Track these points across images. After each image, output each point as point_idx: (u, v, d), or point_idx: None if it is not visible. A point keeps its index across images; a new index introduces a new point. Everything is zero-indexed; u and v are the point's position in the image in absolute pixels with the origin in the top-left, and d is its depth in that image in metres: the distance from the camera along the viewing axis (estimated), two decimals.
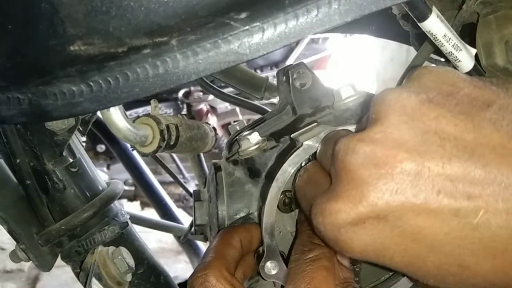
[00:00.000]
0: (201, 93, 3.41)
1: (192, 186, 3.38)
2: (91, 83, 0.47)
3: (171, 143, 0.69)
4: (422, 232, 0.39)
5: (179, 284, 0.90)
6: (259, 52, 0.46)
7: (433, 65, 1.13)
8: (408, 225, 0.39)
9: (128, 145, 1.97)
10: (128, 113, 0.69)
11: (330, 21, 0.45)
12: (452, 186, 0.37)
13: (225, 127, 3.69)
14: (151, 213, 2.42)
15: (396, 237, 0.40)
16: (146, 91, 0.48)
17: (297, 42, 3.22)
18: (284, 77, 0.79)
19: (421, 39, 1.02)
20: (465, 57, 0.64)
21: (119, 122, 0.60)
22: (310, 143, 0.70)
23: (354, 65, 4.31)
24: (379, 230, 0.40)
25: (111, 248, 0.68)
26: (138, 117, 0.69)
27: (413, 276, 0.44)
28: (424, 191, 0.38)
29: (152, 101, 0.69)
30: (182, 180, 3.10)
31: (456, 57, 0.64)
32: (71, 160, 0.72)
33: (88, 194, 0.74)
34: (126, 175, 4.36)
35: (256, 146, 0.72)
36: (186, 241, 1.57)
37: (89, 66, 0.46)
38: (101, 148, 3.53)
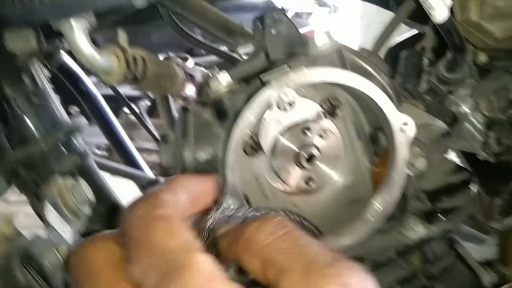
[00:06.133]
0: (179, 60, 3.34)
1: None
2: None
3: (137, 76, 0.67)
4: None
5: None
6: None
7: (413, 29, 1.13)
8: None
9: (104, 105, 1.92)
10: None
11: None
12: None
13: None
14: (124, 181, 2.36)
15: None
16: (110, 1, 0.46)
17: None
18: (260, 23, 0.77)
19: (401, 1, 1.02)
20: (440, 5, 0.63)
21: (85, 48, 0.57)
22: (279, 83, 0.69)
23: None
24: None
25: (69, 179, 0.66)
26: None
27: None
28: None
29: (119, 31, 0.66)
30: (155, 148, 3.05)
31: (431, 5, 0.63)
32: (32, 89, 0.70)
33: (49, 126, 0.72)
34: (99, 139, 4.27)
35: (225, 87, 0.71)
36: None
37: None
38: (74, 109, 3.44)
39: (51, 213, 0.60)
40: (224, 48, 1.15)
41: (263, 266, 0.41)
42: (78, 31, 0.55)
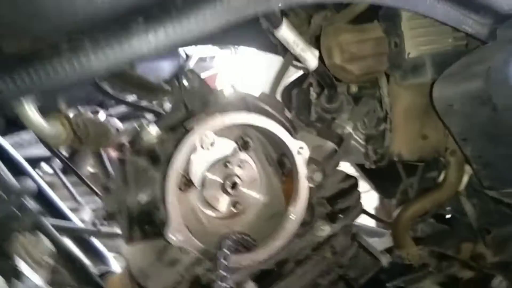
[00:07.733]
0: (90, 114, 3.36)
1: (85, 211, 3.25)
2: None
3: (81, 138, 0.80)
4: None
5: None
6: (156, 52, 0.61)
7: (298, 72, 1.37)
8: None
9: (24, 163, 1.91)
10: None
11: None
12: None
13: None
14: None
15: None
16: (65, 84, 0.60)
17: (186, 60, 3.37)
18: (176, 81, 0.94)
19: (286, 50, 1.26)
20: (310, 57, 0.85)
21: (34, 119, 0.70)
22: (199, 128, 0.85)
23: (241, 81, 4.58)
24: None
25: (29, 235, 0.75)
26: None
27: None
28: None
29: (59, 100, 0.79)
30: (75, 205, 2.99)
31: (304, 57, 0.85)
32: None
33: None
34: None
35: (156, 137, 0.86)
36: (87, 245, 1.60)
37: (13, 61, 0.57)
38: None
39: (22, 266, 0.70)
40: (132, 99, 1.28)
41: None
42: (28, 108, 0.68)
